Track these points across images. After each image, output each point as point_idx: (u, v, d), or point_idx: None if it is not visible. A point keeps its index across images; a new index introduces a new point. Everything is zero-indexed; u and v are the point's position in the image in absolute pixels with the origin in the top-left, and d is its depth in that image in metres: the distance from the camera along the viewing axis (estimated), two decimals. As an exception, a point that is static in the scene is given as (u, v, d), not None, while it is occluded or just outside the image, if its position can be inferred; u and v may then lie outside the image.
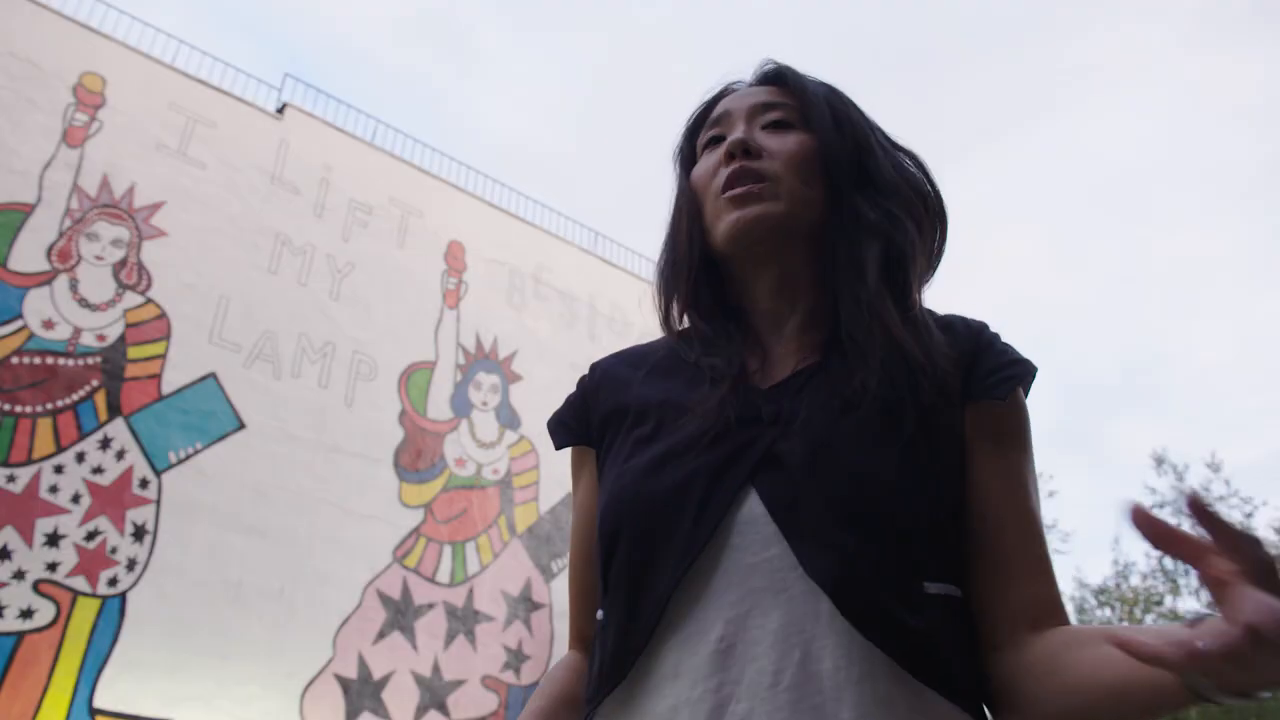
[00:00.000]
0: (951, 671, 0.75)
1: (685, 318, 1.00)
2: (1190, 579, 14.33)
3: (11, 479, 8.91)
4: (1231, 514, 14.12)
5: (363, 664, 10.37)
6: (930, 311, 0.94)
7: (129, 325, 10.14)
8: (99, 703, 8.69)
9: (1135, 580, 14.92)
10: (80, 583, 8.96)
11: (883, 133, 1.00)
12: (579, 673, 0.94)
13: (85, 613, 8.91)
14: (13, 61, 10.34)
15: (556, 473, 12.67)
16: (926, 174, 0.98)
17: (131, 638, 9.03)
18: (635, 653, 0.79)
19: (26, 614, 8.61)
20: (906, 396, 0.82)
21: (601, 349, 11.56)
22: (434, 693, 10.74)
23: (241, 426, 10.49)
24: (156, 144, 11.03)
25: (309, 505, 10.65)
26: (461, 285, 13.27)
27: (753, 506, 0.80)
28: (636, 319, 14.48)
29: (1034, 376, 0.89)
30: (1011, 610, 0.80)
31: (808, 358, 0.90)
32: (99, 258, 10.20)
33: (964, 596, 0.81)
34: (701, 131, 1.03)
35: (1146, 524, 0.60)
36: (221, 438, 10.30)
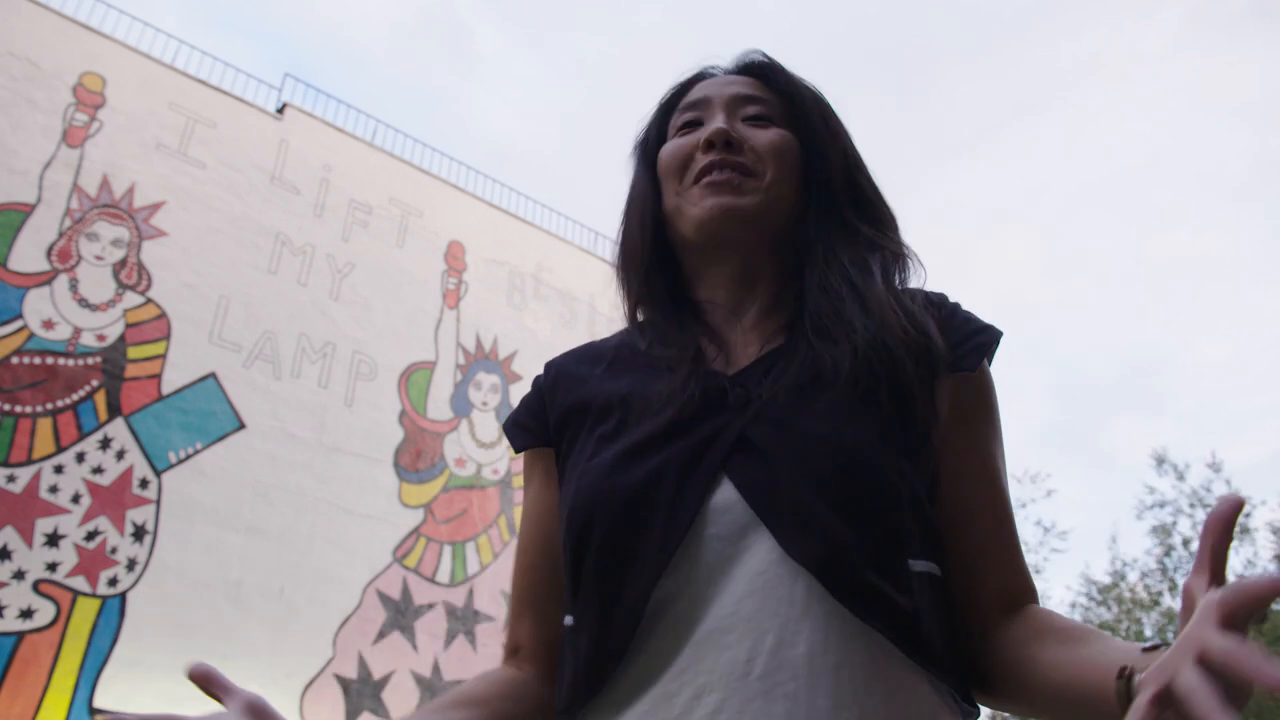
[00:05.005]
0: (939, 651, 0.74)
1: (639, 310, 0.98)
2: (1190, 579, 14.33)
3: (11, 479, 8.91)
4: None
5: (363, 664, 10.38)
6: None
7: (129, 325, 10.14)
8: (99, 703, 8.69)
9: (1134, 579, 14.92)
10: (80, 583, 8.97)
11: (851, 149, 0.99)
12: (492, 680, 0.89)
13: (85, 613, 8.91)
14: (13, 61, 10.34)
15: (556, 473, 12.68)
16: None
17: (131, 638, 9.03)
18: (617, 656, 0.76)
19: (26, 614, 8.61)
20: (880, 372, 0.81)
21: (601, 349, 11.54)
22: (434, 693, 10.74)
23: (241, 426, 10.49)
24: (156, 144, 11.03)
25: (309, 505, 10.65)
26: (461, 285, 13.27)
27: (727, 493, 0.77)
28: (636, 319, 14.48)
29: (999, 342, 0.88)
30: (986, 593, 0.80)
31: (771, 341, 0.88)
32: (99, 258, 10.20)
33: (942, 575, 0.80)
34: (674, 114, 0.99)
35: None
36: (221, 438, 10.30)
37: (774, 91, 0.97)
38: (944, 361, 0.84)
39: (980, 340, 0.86)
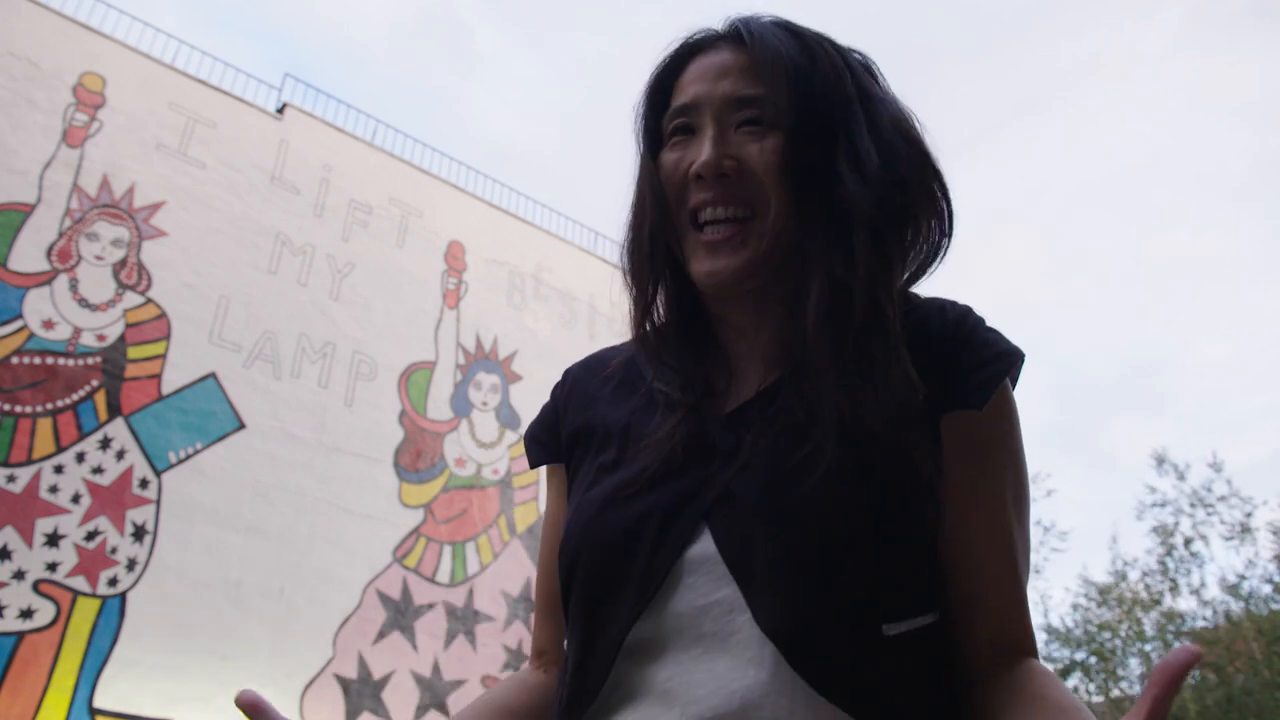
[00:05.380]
0: (917, 714, 0.72)
1: (641, 332, 0.92)
2: (1190, 578, 14.33)
3: (11, 479, 8.91)
4: (1232, 514, 14.11)
5: (363, 664, 10.38)
6: (915, 297, 0.87)
7: (129, 325, 10.14)
8: (99, 703, 8.69)
9: (1135, 579, 14.91)
10: (80, 583, 8.96)
11: (876, 102, 0.86)
12: (527, 688, 0.91)
13: (85, 613, 8.91)
14: (13, 61, 10.33)
15: (556, 473, 12.67)
16: (926, 154, 0.86)
17: (131, 638, 9.03)
18: (592, 694, 0.77)
19: (26, 614, 8.61)
20: (867, 419, 0.75)
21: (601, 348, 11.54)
22: (434, 693, 10.74)
23: (241, 426, 10.49)
24: (156, 144, 11.03)
25: (309, 505, 10.65)
26: (461, 285, 13.27)
27: (705, 546, 0.76)
28: (636, 319, 14.48)
29: (1020, 366, 0.82)
30: (975, 645, 0.76)
31: (770, 373, 0.84)
32: (99, 258, 10.20)
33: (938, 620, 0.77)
34: (668, 110, 0.90)
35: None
36: (221, 438, 10.30)
37: (774, 74, 0.84)
38: (948, 394, 0.79)
39: (992, 371, 0.79)
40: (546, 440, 0.96)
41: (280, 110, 12.40)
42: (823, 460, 0.74)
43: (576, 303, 14.45)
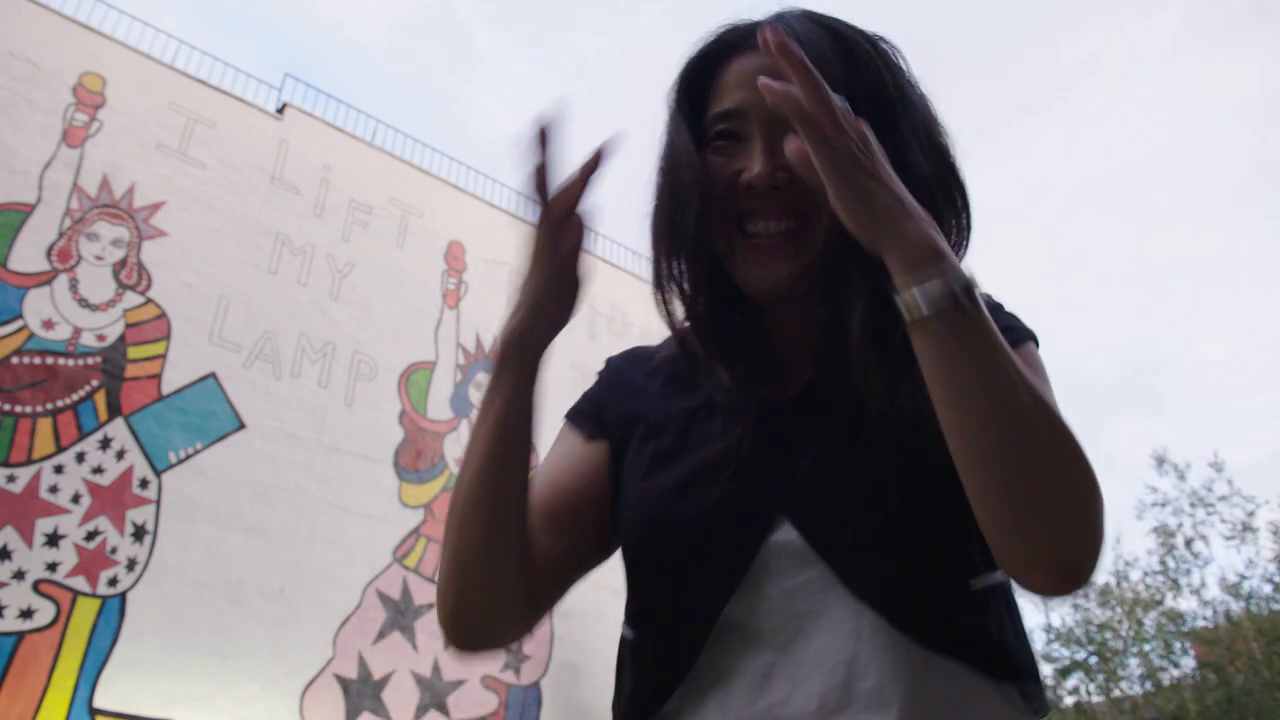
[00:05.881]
0: (1014, 661, 0.76)
1: (691, 323, 0.91)
2: (1191, 578, 14.32)
3: (11, 479, 8.91)
4: (1232, 513, 14.11)
5: (363, 664, 10.37)
6: None
7: (129, 325, 10.14)
8: (99, 703, 8.69)
9: (1135, 579, 14.91)
10: (80, 583, 8.96)
11: (912, 106, 0.85)
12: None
13: (85, 613, 8.91)
14: (13, 61, 10.33)
15: (556, 473, 12.67)
16: (953, 164, 0.87)
17: (131, 638, 9.03)
18: (684, 668, 0.79)
19: (26, 614, 8.60)
20: (912, 405, 0.78)
21: (602, 349, 11.54)
22: (434, 693, 10.74)
23: (241, 426, 10.49)
24: (156, 144, 11.03)
25: (309, 505, 10.64)
26: (461, 285, 13.27)
27: (786, 532, 0.79)
28: (637, 319, 14.48)
29: (1034, 342, 0.88)
30: None
31: (817, 368, 0.87)
32: (99, 258, 10.20)
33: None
34: (710, 110, 0.87)
35: None
36: (221, 438, 10.30)
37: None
38: None
39: (1011, 340, 0.80)
40: (595, 416, 0.95)
41: (280, 110, 12.39)
42: (881, 445, 0.78)
43: (576, 303, 14.44)
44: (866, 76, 0.84)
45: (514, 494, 0.82)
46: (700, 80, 0.90)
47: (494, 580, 0.82)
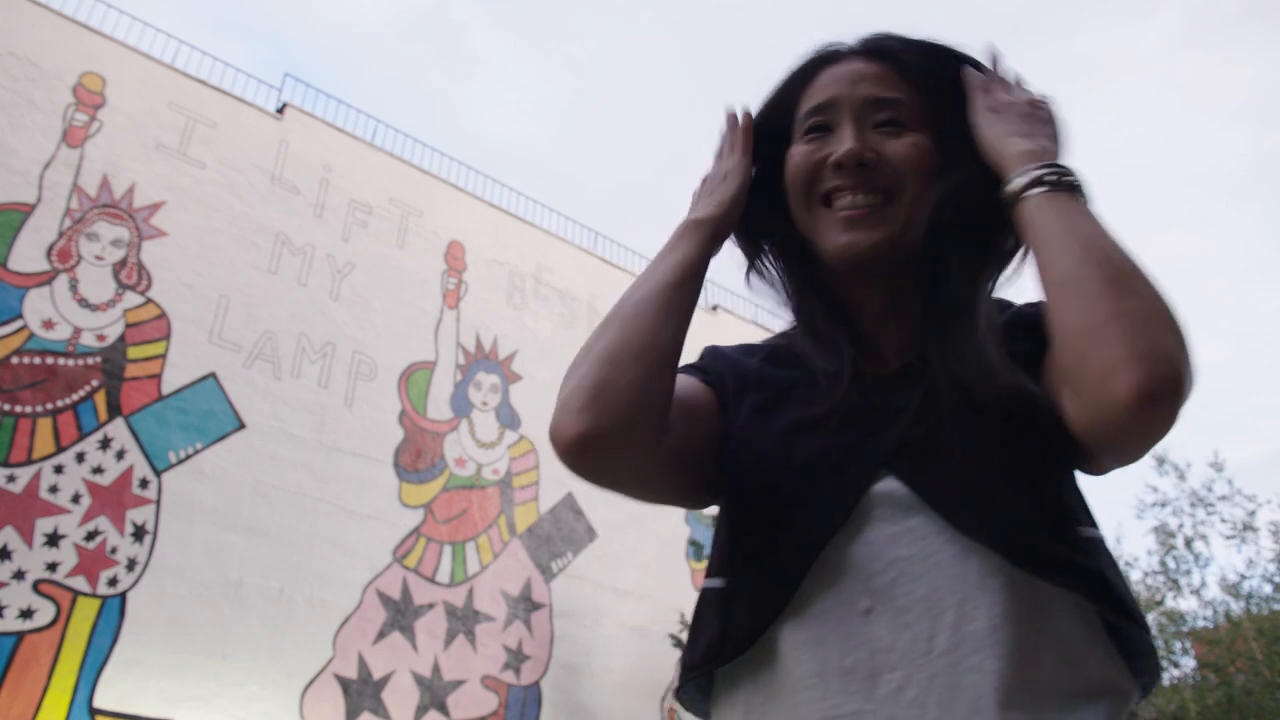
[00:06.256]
0: (1128, 604, 0.77)
1: (795, 316, 0.99)
2: (1191, 578, 14.32)
3: (11, 479, 8.91)
4: (1233, 513, 14.10)
5: (363, 664, 10.37)
6: (999, 302, 0.94)
7: (129, 325, 10.13)
8: (99, 703, 8.69)
9: (1135, 579, 14.90)
10: (80, 583, 8.96)
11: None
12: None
13: (85, 613, 8.91)
14: (13, 61, 10.33)
15: (556, 472, 12.66)
16: None
17: (131, 638, 9.02)
18: (767, 621, 0.79)
19: (26, 614, 8.60)
20: (1000, 380, 0.83)
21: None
22: (434, 693, 10.74)
23: (241, 426, 10.49)
24: (156, 144, 11.03)
25: (309, 505, 10.64)
26: (461, 285, 13.27)
27: (890, 484, 0.81)
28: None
29: None
30: None
31: (907, 353, 0.91)
32: (99, 258, 10.20)
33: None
34: (800, 106, 0.95)
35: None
36: (221, 438, 10.30)
37: (909, 83, 0.92)
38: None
39: None
40: (703, 369, 0.98)
41: (280, 110, 12.39)
42: (981, 411, 0.82)
43: (576, 303, 14.44)
44: (951, 78, 0.96)
45: (684, 313, 0.86)
46: (787, 98, 0.98)
47: (646, 377, 0.81)
